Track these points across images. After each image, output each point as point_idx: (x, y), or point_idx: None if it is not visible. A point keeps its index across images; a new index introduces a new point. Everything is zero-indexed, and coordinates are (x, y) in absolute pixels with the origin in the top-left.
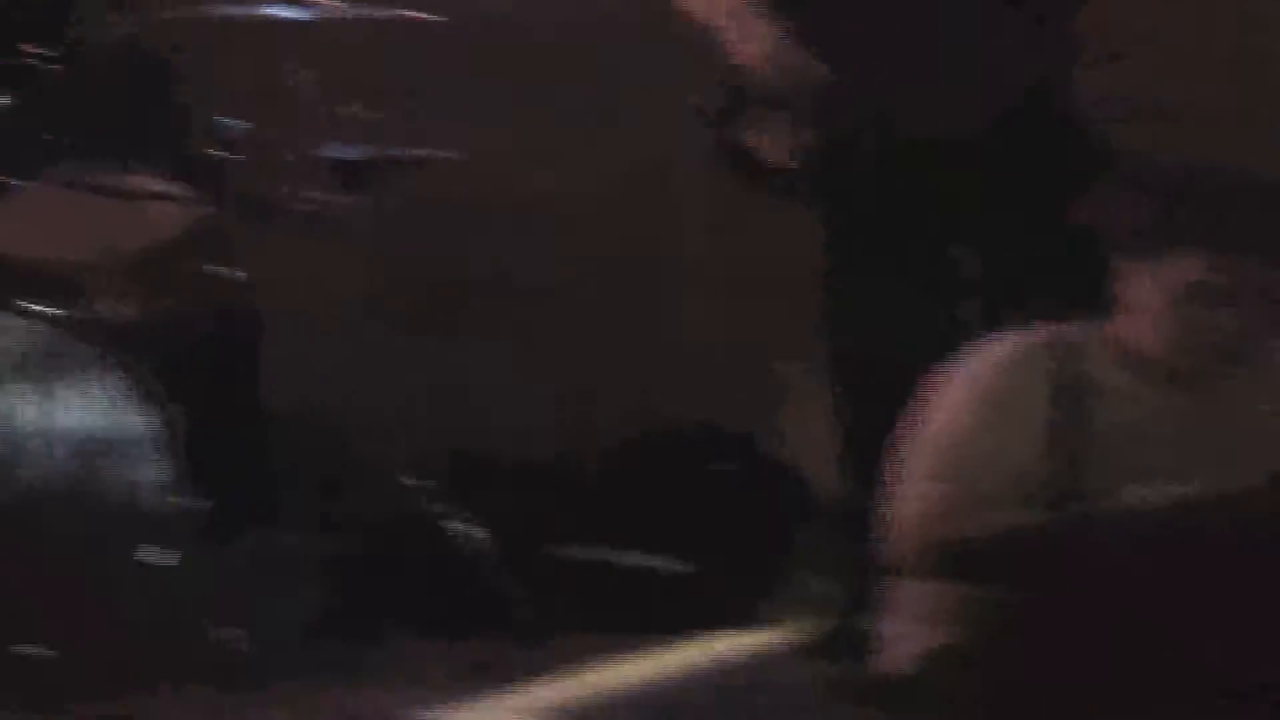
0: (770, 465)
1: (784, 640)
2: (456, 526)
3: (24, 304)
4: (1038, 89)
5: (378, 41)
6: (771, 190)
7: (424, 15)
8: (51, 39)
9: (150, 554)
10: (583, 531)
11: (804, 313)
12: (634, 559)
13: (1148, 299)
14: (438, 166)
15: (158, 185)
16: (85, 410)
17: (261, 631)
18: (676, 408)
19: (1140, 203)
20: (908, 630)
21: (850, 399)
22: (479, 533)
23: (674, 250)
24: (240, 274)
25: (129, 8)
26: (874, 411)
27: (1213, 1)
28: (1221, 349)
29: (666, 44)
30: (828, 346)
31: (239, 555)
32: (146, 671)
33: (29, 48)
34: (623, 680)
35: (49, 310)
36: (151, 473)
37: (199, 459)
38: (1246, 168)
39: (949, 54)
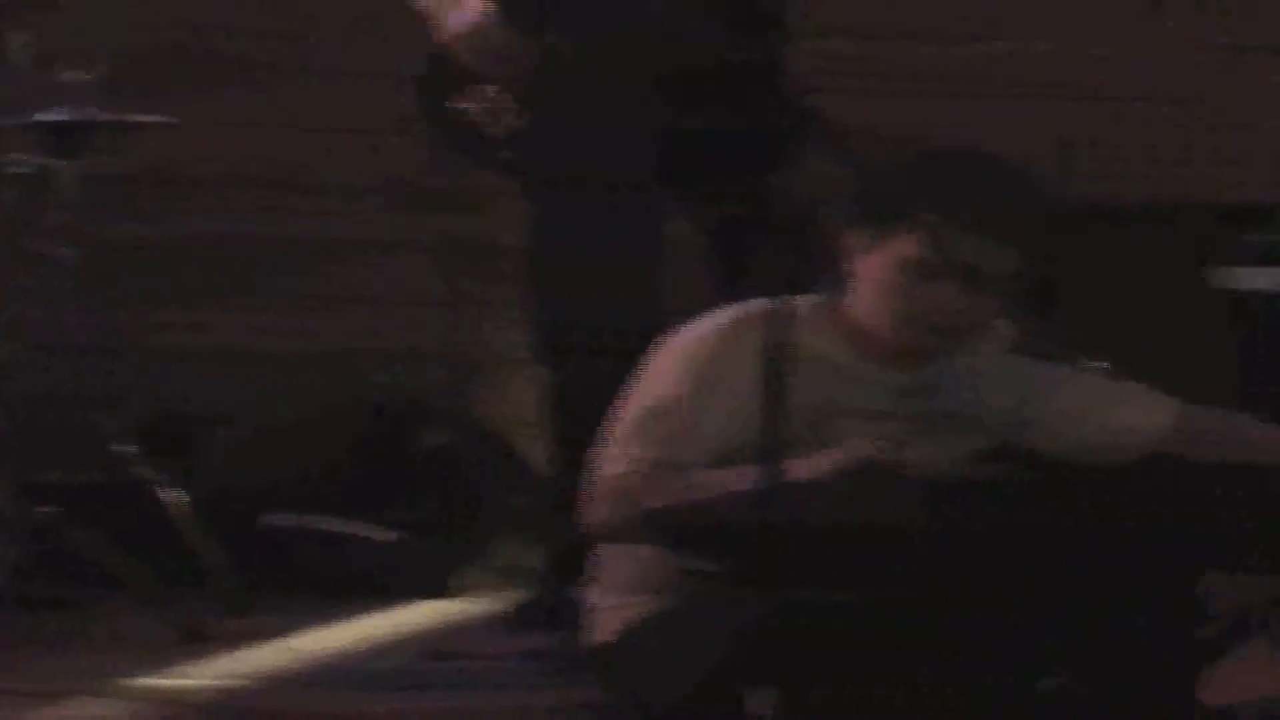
0: (478, 436)
1: (489, 610)
2: (163, 492)
3: None
4: (751, 65)
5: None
6: (485, 164)
7: None
8: None
9: None
10: (289, 499)
11: (514, 285)
12: (340, 526)
13: (870, 275)
14: (151, 132)
15: None
16: None
17: None
18: (384, 377)
19: (863, 180)
20: (612, 601)
21: (559, 373)
22: (185, 498)
23: (388, 222)
24: None
25: None
26: (583, 384)
27: None
28: (940, 326)
29: (388, 16)
30: (537, 319)
31: None
32: None
33: None
34: (327, 647)
35: None
36: None
37: None
38: (966, 145)
39: (657, 27)
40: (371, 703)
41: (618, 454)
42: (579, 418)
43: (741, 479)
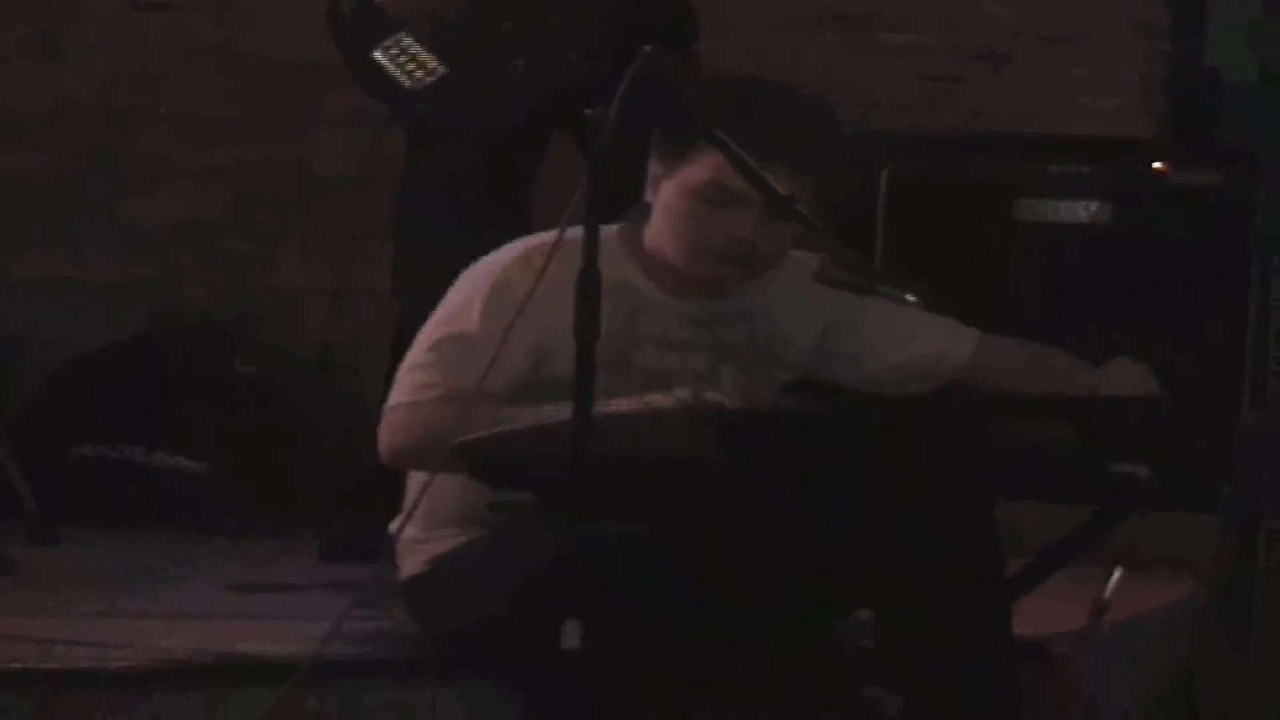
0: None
1: (298, 542)
2: None
3: None
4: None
5: None
6: (401, 115)
7: None
8: None
9: None
10: (98, 430)
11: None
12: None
13: (665, 203)
14: None
15: None
16: None
17: None
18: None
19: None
20: (422, 533)
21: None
22: None
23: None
24: None
25: None
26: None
27: None
28: (733, 255)
29: None
30: (400, 254)
31: None
32: None
33: None
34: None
35: None
36: None
37: None
38: (760, 75)
39: None
40: (177, 634)
41: (417, 381)
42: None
43: (558, 411)
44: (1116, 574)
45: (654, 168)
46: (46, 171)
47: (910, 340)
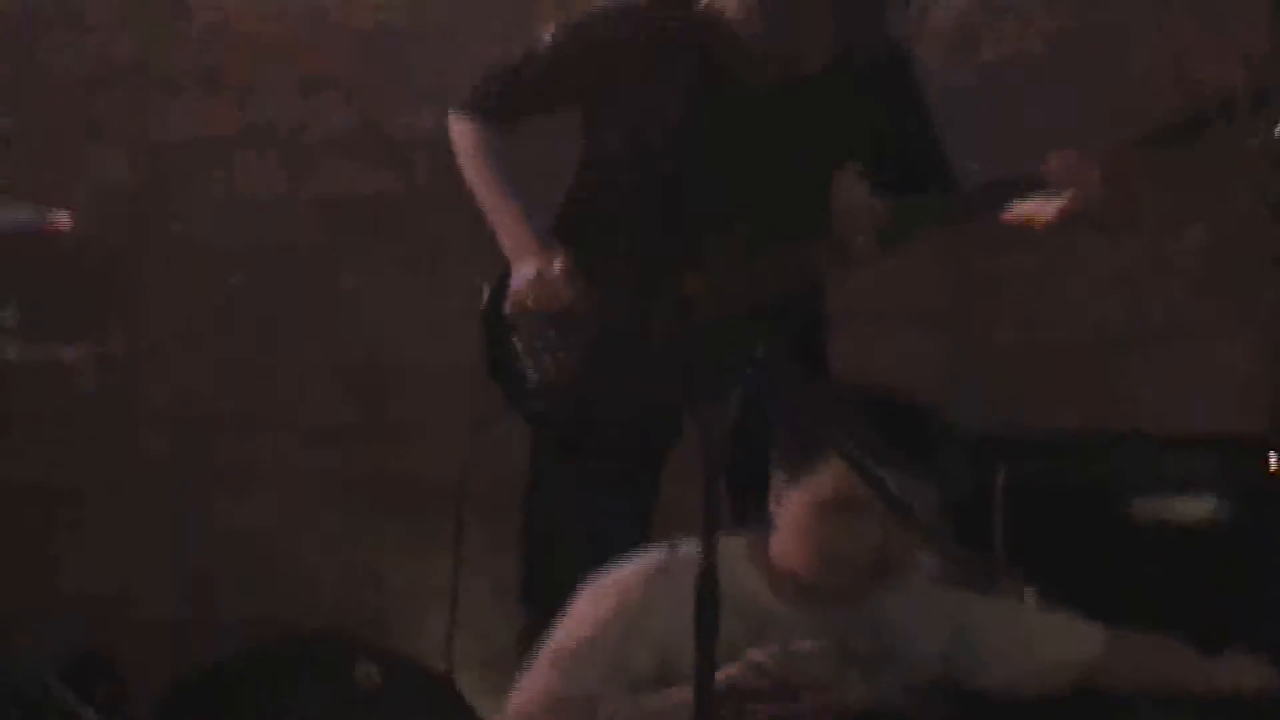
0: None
1: None
2: None
3: None
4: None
5: None
6: (517, 405)
7: None
8: None
9: None
10: None
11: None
12: None
13: (789, 515)
14: None
15: None
16: None
17: None
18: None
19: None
20: None
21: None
22: None
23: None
24: None
25: None
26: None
27: None
28: (858, 565)
29: None
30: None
31: None
32: None
33: None
34: None
35: None
36: None
37: None
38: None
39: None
40: None
41: (531, 686)
42: None
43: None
44: None
45: (777, 478)
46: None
47: (1039, 642)
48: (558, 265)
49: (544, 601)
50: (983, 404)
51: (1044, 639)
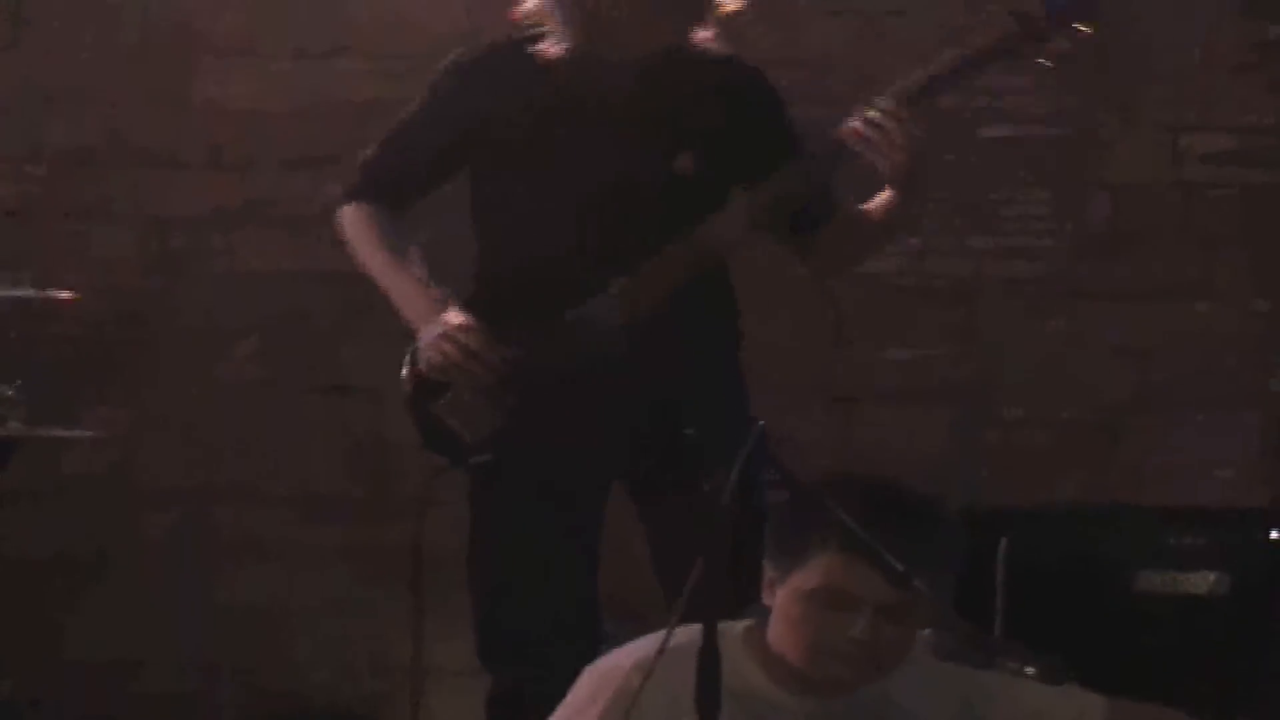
0: None
1: None
2: None
3: None
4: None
5: None
6: (459, 465)
7: None
8: None
9: None
10: None
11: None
12: None
13: (782, 606)
14: None
15: None
16: None
17: None
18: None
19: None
20: None
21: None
22: None
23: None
24: None
25: None
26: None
27: None
28: (852, 656)
29: None
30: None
31: None
32: None
33: None
34: None
35: None
36: None
37: None
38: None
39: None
40: None
41: None
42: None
43: None
44: None
45: (768, 570)
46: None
47: (1046, 714)
48: (456, 315)
49: (503, 659)
50: (986, 476)
51: (1050, 711)
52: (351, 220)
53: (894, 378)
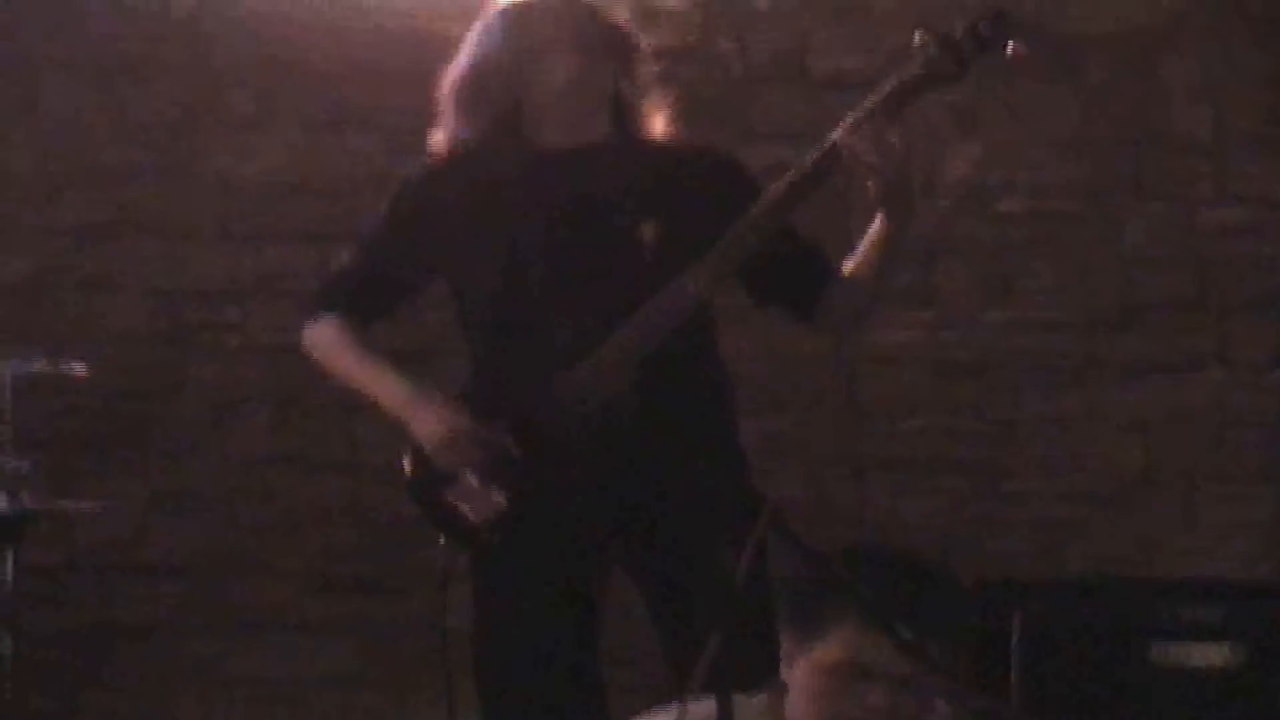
0: None
1: None
2: None
3: None
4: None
5: None
6: (469, 547)
7: None
8: None
9: None
10: None
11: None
12: None
13: (798, 679)
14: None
15: None
16: None
17: None
18: None
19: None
20: None
21: None
22: None
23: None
24: None
25: None
26: None
27: None
28: None
29: None
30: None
31: None
32: None
33: None
34: None
35: None
36: None
37: None
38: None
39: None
40: None
41: None
42: None
43: None
44: None
45: (785, 644)
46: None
47: None
48: (446, 404)
49: None
50: (1001, 548)
51: None
52: (318, 333)
53: (908, 449)
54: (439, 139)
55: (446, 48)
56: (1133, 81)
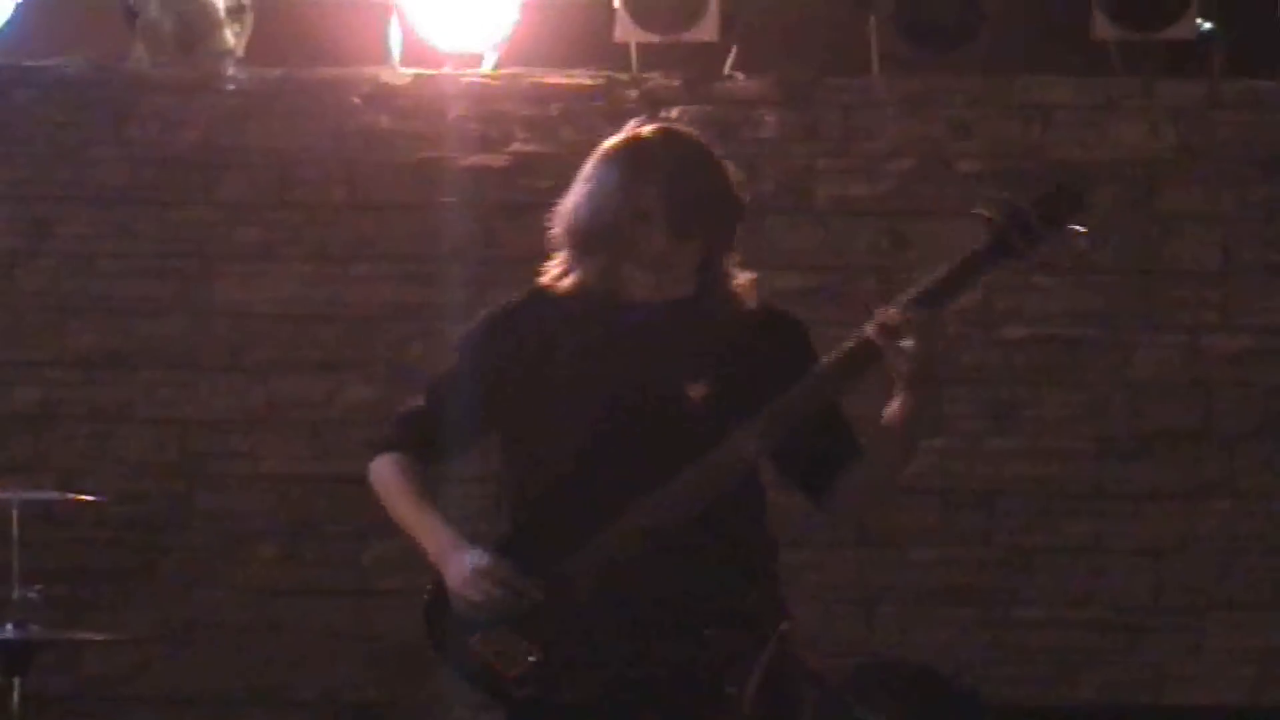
0: None
1: None
2: None
3: None
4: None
5: None
6: (501, 700)
7: None
8: None
9: None
10: None
11: None
12: None
13: None
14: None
15: None
16: None
17: None
18: None
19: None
20: None
21: None
22: None
23: None
24: None
25: None
26: None
27: None
28: None
29: None
30: None
31: None
32: None
33: None
34: None
35: None
36: None
37: None
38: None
39: None
40: None
41: None
42: None
43: None
44: None
45: None
46: None
47: None
48: (481, 553)
49: None
50: (1009, 675)
51: None
52: (381, 465)
53: (917, 578)
54: (556, 274)
55: (453, 178)
56: (1139, 211)
